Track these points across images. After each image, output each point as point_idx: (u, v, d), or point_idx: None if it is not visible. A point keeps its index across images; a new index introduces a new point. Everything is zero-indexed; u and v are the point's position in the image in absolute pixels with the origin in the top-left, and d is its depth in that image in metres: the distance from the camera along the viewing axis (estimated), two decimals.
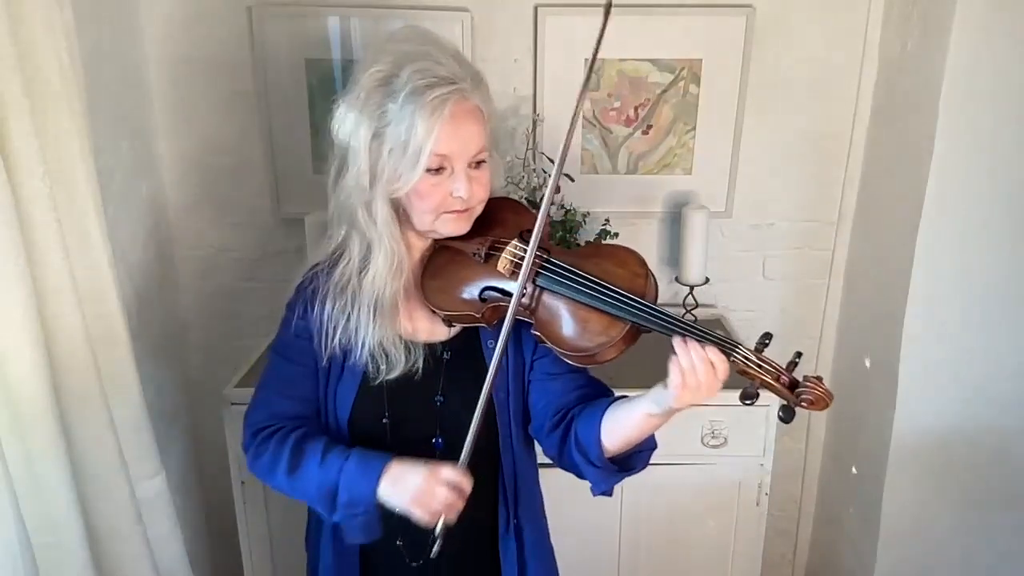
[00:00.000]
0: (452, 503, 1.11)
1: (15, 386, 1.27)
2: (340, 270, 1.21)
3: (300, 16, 1.94)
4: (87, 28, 1.54)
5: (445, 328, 1.25)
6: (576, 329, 1.12)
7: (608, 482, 1.19)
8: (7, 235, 1.20)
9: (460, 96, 1.12)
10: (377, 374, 1.21)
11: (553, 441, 1.21)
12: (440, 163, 1.12)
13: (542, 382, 1.24)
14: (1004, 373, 1.92)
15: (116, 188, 1.77)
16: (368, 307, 1.19)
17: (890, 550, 2.05)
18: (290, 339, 1.25)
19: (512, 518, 1.30)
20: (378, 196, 1.15)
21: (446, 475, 1.11)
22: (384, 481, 1.13)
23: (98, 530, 1.45)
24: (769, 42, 2.01)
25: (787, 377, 1.05)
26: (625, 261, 1.16)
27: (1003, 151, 1.77)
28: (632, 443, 1.15)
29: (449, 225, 1.18)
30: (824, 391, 1.04)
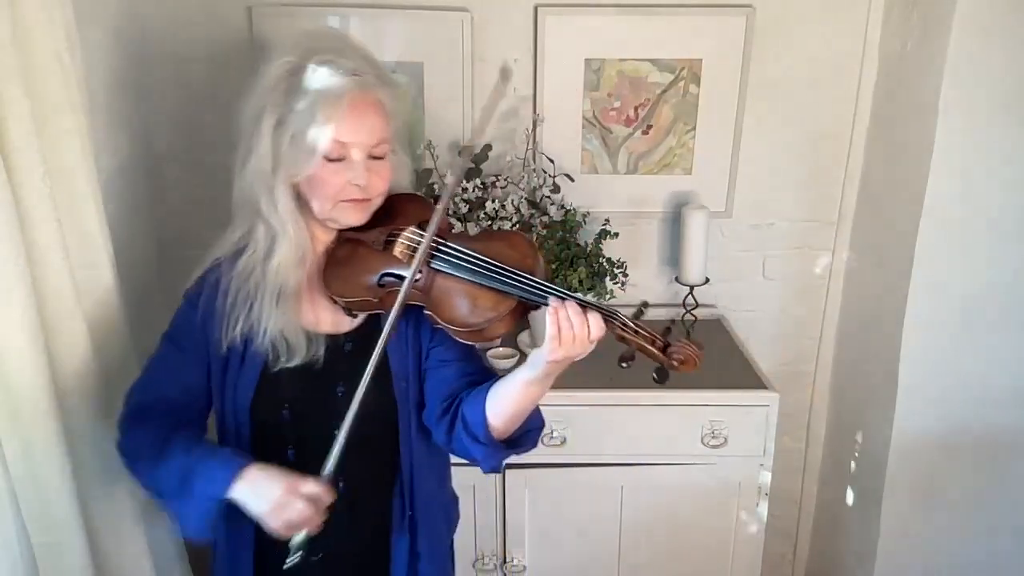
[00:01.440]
0: (310, 517, 1.11)
1: (15, 386, 1.26)
2: (244, 260, 1.24)
3: (300, 16, 1.94)
4: (87, 28, 1.54)
5: (348, 320, 1.28)
6: (467, 306, 1.17)
7: (495, 458, 1.21)
8: (7, 235, 1.20)
9: (362, 88, 1.17)
10: (277, 361, 1.23)
11: (443, 428, 1.24)
12: (339, 151, 1.17)
13: (435, 369, 1.27)
14: (1004, 373, 1.92)
15: (116, 188, 1.77)
16: (271, 296, 1.22)
17: (890, 550, 2.05)
18: (186, 328, 1.28)
19: (407, 509, 1.32)
20: (280, 182, 1.19)
21: (306, 489, 1.12)
22: (241, 481, 1.14)
23: (98, 530, 1.45)
24: (769, 42, 2.01)
25: (661, 341, 1.10)
26: (516, 244, 1.21)
27: (1003, 151, 1.77)
28: (517, 416, 1.18)
29: (347, 213, 1.22)
30: (693, 351, 1.09)
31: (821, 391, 2.32)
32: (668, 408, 1.83)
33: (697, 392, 1.84)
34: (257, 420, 1.27)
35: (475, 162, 1.95)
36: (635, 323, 1.11)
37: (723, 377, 1.91)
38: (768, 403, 1.84)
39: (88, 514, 1.41)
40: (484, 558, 1.94)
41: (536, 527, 1.93)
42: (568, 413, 1.83)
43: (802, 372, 2.31)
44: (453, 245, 1.20)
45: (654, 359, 1.10)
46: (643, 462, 1.88)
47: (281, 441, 1.27)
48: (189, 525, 1.18)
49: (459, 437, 1.21)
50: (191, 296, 1.30)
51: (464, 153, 1.97)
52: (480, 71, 2.01)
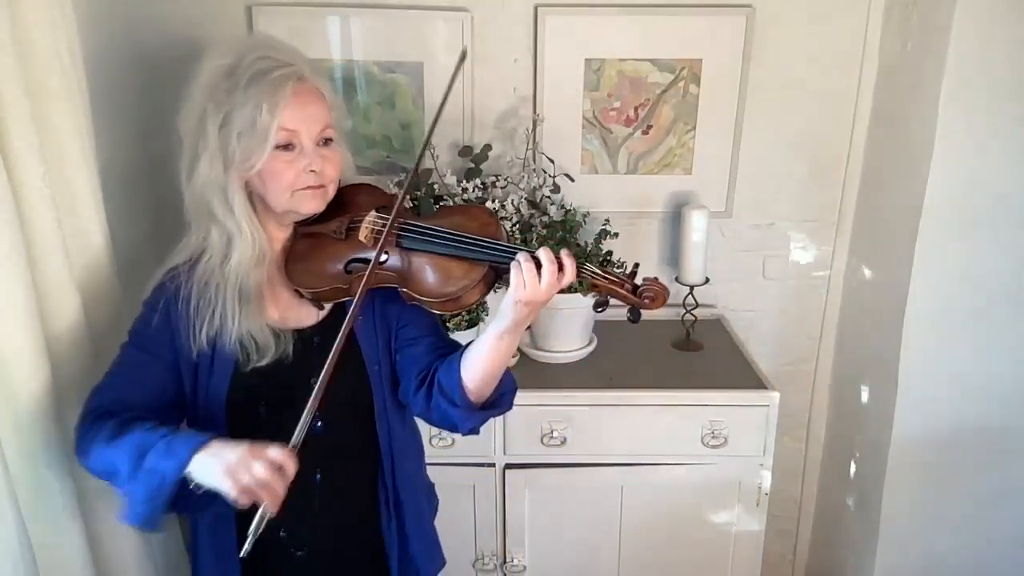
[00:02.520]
0: (270, 484, 1.04)
1: (15, 386, 1.26)
2: (202, 266, 1.25)
3: (300, 16, 1.94)
4: (87, 28, 1.54)
5: (313, 313, 1.30)
6: (439, 278, 1.21)
7: (472, 420, 1.23)
8: (7, 235, 1.20)
9: (300, 77, 1.20)
10: (248, 361, 1.24)
11: (420, 399, 1.26)
12: (288, 139, 1.19)
13: (406, 348, 1.30)
14: (1004, 373, 1.92)
15: (116, 188, 1.76)
16: (233, 298, 1.23)
17: (890, 550, 2.05)
18: (148, 334, 1.27)
19: (391, 492, 1.34)
20: (232, 181, 1.21)
21: (269, 452, 1.06)
22: (201, 452, 1.08)
23: (98, 530, 1.45)
24: (769, 42, 2.01)
25: (630, 284, 1.18)
26: (476, 215, 1.27)
27: (1003, 151, 1.77)
28: (490, 375, 1.19)
29: (305, 202, 1.23)
30: (661, 287, 1.17)
31: (821, 391, 2.32)
32: (668, 408, 1.84)
33: (697, 392, 1.84)
34: (233, 420, 1.26)
35: (475, 162, 1.95)
36: (604, 269, 1.18)
37: (723, 377, 1.91)
38: (768, 403, 1.84)
39: (88, 514, 1.41)
40: (484, 558, 1.94)
41: (536, 527, 1.93)
42: (568, 413, 1.83)
43: (802, 372, 2.31)
44: (417, 223, 1.24)
45: (626, 300, 1.17)
46: (643, 462, 1.88)
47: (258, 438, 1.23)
48: (136, 506, 1.11)
49: (436, 405, 1.23)
50: (150, 303, 1.29)
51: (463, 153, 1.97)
52: (480, 71, 2.01)
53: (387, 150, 2.05)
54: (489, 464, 1.87)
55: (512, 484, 1.88)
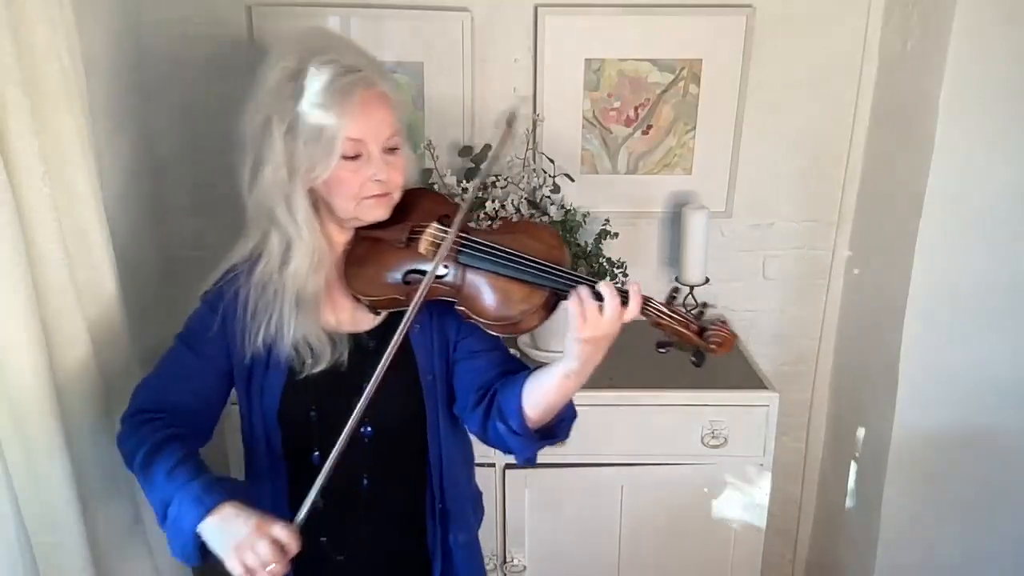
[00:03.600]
0: (272, 563, 1.06)
1: (15, 386, 1.27)
2: (260, 269, 1.23)
3: (300, 16, 1.94)
4: (87, 28, 1.54)
5: (370, 317, 1.28)
6: (499, 300, 1.18)
7: (531, 449, 1.21)
8: (7, 235, 1.20)
9: (366, 82, 1.16)
10: (302, 368, 1.23)
11: (477, 418, 1.23)
12: (355, 149, 1.16)
13: (465, 361, 1.27)
14: (1004, 373, 1.92)
15: (116, 188, 1.76)
16: (291, 303, 1.21)
17: (890, 550, 2.05)
18: (203, 333, 1.26)
19: (438, 502, 1.32)
20: (297, 189, 1.18)
21: (275, 531, 1.08)
22: (212, 517, 1.10)
23: (98, 530, 1.45)
24: (769, 42, 2.01)
25: (696, 325, 1.12)
26: (540, 235, 1.23)
27: (1003, 151, 1.77)
28: (552, 408, 1.17)
29: (370, 210, 1.21)
30: (728, 333, 1.12)
31: (821, 391, 2.32)
32: (668, 408, 1.83)
33: (697, 392, 1.84)
34: (285, 425, 1.26)
35: (475, 162, 1.95)
36: (670, 308, 1.13)
37: (723, 377, 1.91)
38: (768, 403, 1.84)
39: (88, 514, 1.41)
40: (484, 558, 1.94)
41: (536, 527, 1.93)
42: None
43: (802, 372, 2.31)
44: (479, 240, 1.21)
45: (691, 343, 1.12)
46: (643, 462, 1.88)
47: (307, 443, 1.26)
48: (173, 549, 1.15)
49: (494, 427, 1.20)
50: (210, 300, 1.28)
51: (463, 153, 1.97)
52: (480, 71, 2.01)
53: None
54: (489, 464, 1.86)
55: (512, 484, 1.88)
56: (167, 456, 1.18)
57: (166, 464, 1.17)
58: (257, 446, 1.30)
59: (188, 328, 1.30)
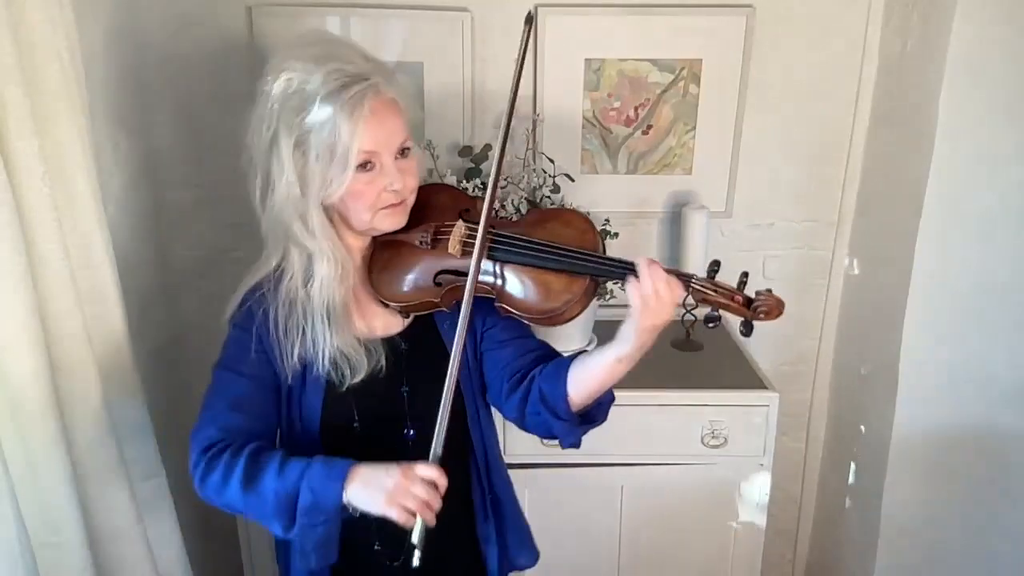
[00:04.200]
0: (429, 501, 1.07)
1: (15, 386, 1.27)
2: (285, 287, 1.21)
3: (300, 16, 1.94)
4: (87, 28, 1.54)
5: (399, 319, 1.27)
6: (540, 292, 1.16)
7: (575, 434, 1.21)
8: (7, 235, 1.20)
9: (376, 91, 1.14)
10: (342, 380, 1.21)
11: (513, 403, 1.23)
12: (368, 159, 1.15)
13: (494, 351, 1.27)
14: (1004, 373, 1.92)
15: (116, 188, 1.77)
16: (321, 317, 1.19)
17: (890, 550, 2.05)
18: (242, 355, 1.22)
19: (488, 493, 1.33)
20: (311, 205, 1.16)
21: (421, 471, 1.08)
22: (353, 484, 1.08)
23: (98, 530, 1.45)
24: (769, 42, 2.01)
25: (741, 296, 1.13)
26: (570, 220, 1.22)
27: (1003, 151, 1.77)
28: (599, 392, 1.17)
29: (387, 220, 1.20)
30: (776, 300, 1.12)
31: (821, 391, 2.32)
32: (668, 408, 1.83)
33: (697, 392, 1.84)
34: (327, 437, 1.25)
35: (475, 162, 1.95)
36: (713, 282, 1.13)
37: (723, 377, 1.91)
38: (768, 403, 1.84)
39: (88, 514, 1.41)
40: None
41: (536, 527, 1.92)
42: None
43: (802, 372, 2.31)
44: (510, 234, 1.19)
45: (739, 314, 1.12)
46: (643, 462, 1.88)
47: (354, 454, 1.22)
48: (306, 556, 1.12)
49: (535, 412, 1.19)
50: (240, 322, 1.24)
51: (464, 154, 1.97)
52: (480, 71, 2.01)
53: None
54: None
55: (512, 484, 1.88)
56: (268, 463, 1.13)
57: (271, 469, 1.12)
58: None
59: (226, 353, 1.25)
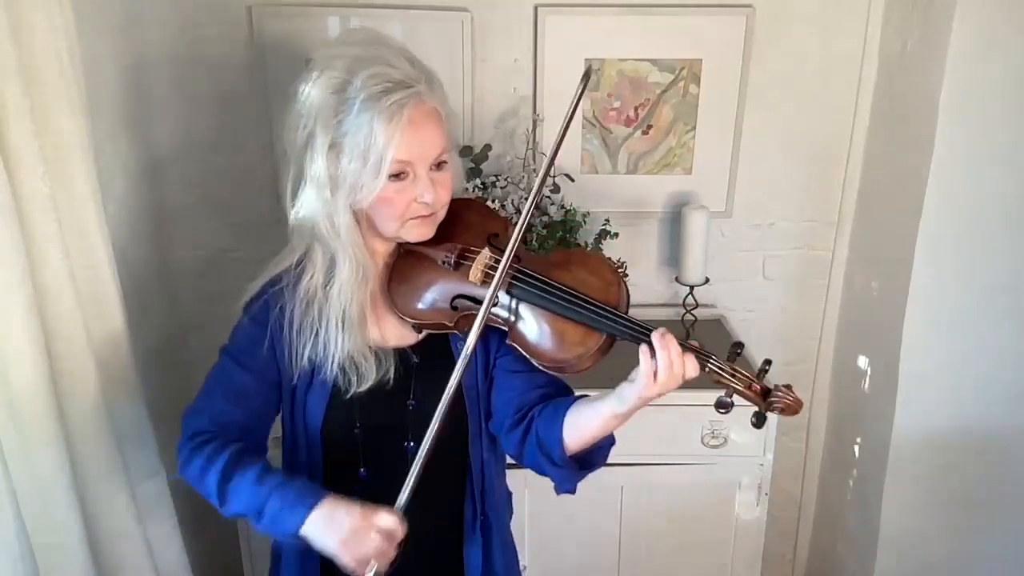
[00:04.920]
0: (383, 551, 1.06)
1: (15, 386, 1.27)
2: (304, 285, 1.20)
3: (300, 16, 1.94)
4: (87, 28, 1.54)
5: (414, 333, 1.24)
6: (553, 340, 1.12)
7: (571, 481, 1.19)
8: (7, 235, 1.20)
9: (417, 99, 1.10)
10: (348, 387, 1.20)
11: (513, 440, 1.20)
12: (402, 168, 1.12)
13: (504, 379, 1.24)
14: (1004, 373, 1.92)
15: (116, 188, 1.77)
16: (336, 321, 1.18)
17: (890, 550, 2.05)
18: (249, 347, 1.22)
19: (479, 514, 1.31)
20: (340, 207, 1.14)
21: (381, 521, 1.07)
22: (314, 516, 1.08)
23: (98, 530, 1.45)
24: (769, 42, 2.01)
25: (759, 385, 1.07)
26: (598, 269, 1.16)
27: (1003, 151, 1.77)
28: (593, 441, 1.15)
29: (415, 231, 1.18)
30: (794, 399, 1.06)
31: (821, 391, 2.32)
32: (668, 408, 1.83)
33: (697, 392, 1.83)
34: (328, 441, 1.24)
35: (475, 162, 1.95)
36: (732, 366, 1.07)
37: None
38: None
39: (88, 514, 1.41)
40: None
41: (536, 527, 1.93)
42: None
43: (802, 372, 2.31)
44: (534, 273, 1.14)
45: (754, 403, 1.07)
46: (643, 462, 1.88)
47: (353, 460, 1.24)
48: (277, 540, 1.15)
49: (531, 453, 1.18)
50: (255, 314, 1.23)
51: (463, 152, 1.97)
52: (480, 71, 2.01)
53: None
54: None
55: (512, 484, 1.88)
56: (248, 466, 1.14)
57: (251, 473, 1.13)
58: (299, 460, 1.27)
59: (235, 342, 1.25)
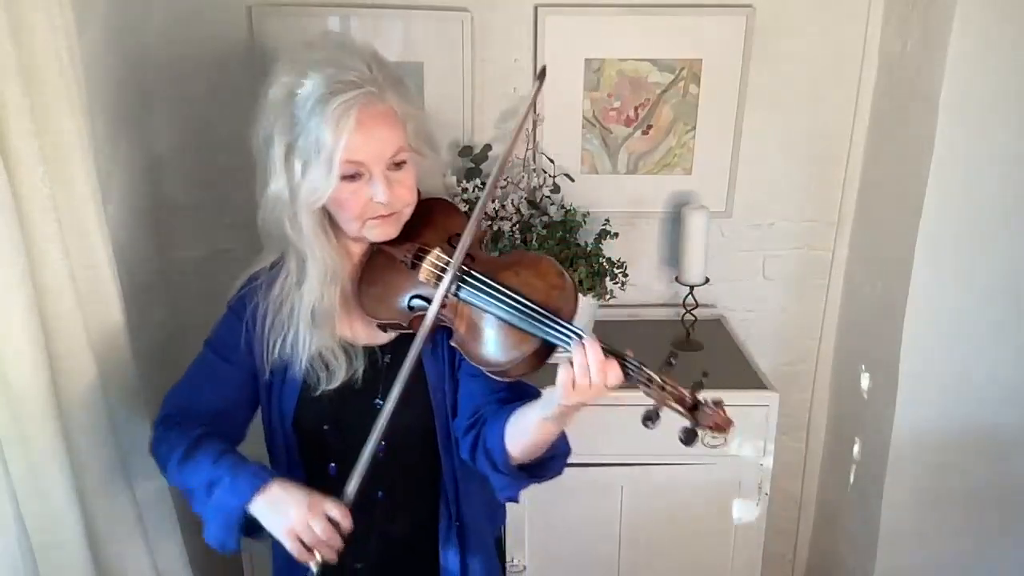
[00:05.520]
0: (328, 540, 1.08)
1: (15, 386, 1.26)
2: (279, 285, 1.22)
3: (300, 16, 1.94)
4: (87, 28, 1.54)
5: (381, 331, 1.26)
6: (491, 342, 1.13)
7: (513, 488, 1.18)
8: (7, 235, 1.20)
9: (367, 100, 1.11)
10: (318, 384, 1.22)
11: (467, 444, 1.20)
12: (355, 169, 1.13)
13: (465, 381, 1.24)
14: (1004, 373, 1.92)
15: (116, 188, 1.77)
16: (307, 319, 1.20)
17: (890, 550, 2.05)
18: (230, 340, 1.26)
19: (455, 520, 1.30)
20: (300, 209, 1.15)
21: (327, 509, 1.09)
22: (260, 498, 1.11)
23: (98, 531, 1.45)
24: (769, 42, 2.01)
25: (690, 400, 1.03)
26: (545, 272, 1.15)
27: (1003, 151, 1.77)
28: (536, 448, 1.12)
29: (376, 231, 1.18)
30: (724, 417, 1.03)
31: (821, 391, 2.32)
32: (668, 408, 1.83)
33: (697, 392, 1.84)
34: (300, 436, 1.27)
35: (475, 162, 1.95)
36: (661, 378, 1.03)
37: (723, 377, 1.91)
38: (768, 403, 1.84)
39: (88, 514, 1.41)
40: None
41: (536, 527, 1.93)
42: None
43: (802, 372, 2.31)
44: (481, 275, 1.15)
45: (683, 418, 1.04)
46: (643, 462, 1.88)
47: (324, 455, 1.27)
48: (211, 533, 1.16)
49: (479, 460, 1.18)
50: (235, 308, 1.28)
51: (462, 153, 1.97)
52: (480, 71, 2.01)
53: None
54: None
55: None
56: (211, 447, 1.19)
57: (211, 453, 1.18)
58: (278, 452, 1.31)
59: (216, 335, 1.30)
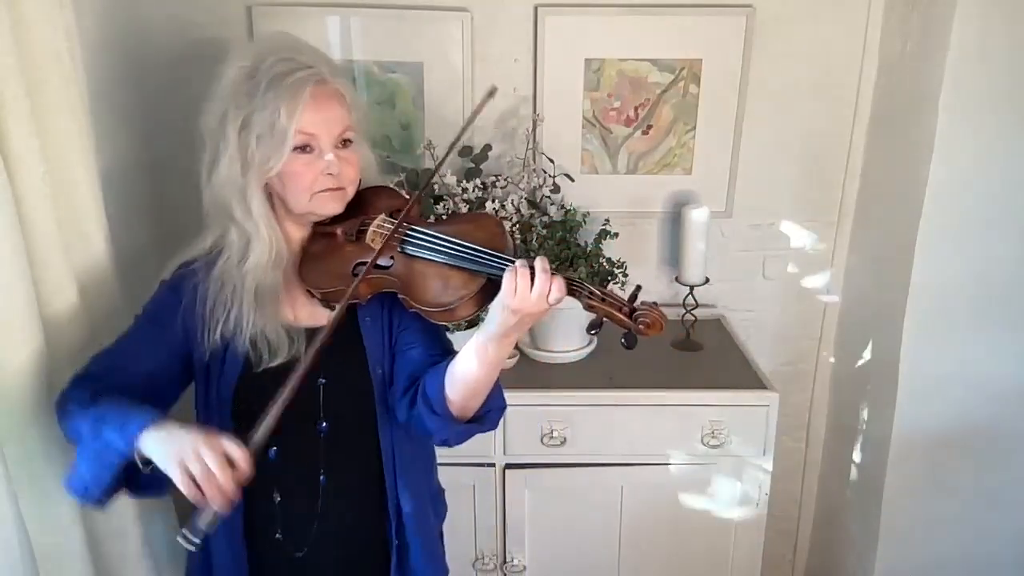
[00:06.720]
0: (222, 481, 1.02)
1: (16, 386, 1.26)
2: (220, 265, 1.25)
3: (300, 16, 1.94)
4: (87, 28, 1.54)
5: (326, 313, 1.28)
6: (438, 287, 1.20)
7: (448, 430, 1.22)
8: (7, 235, 1.20)
9: (319, 78, 1.20)
10: (259, 362, 1.24)
11: (404, 405, 1.25)
12: (306, 141, 1.20)
13: (402, 353, 1.29)
14: (1003, 373, 1.92)
15: (116, 188, 1.76)
16: (249, 299, 1.23)
17: (890, 550, 2.05)
18: (162, 313, 1.28)
19: (394, 498, 1.33)
20: (252, 183, 1.21)
21: (224, 444, 1.05)
22: (153, 429, 1.08)
23: (98, 531, 1.45)
24: (769, 42, 2.01)
25: (627, 307, 1.12)
26: (484, 224, 1.24)
27: (1003, 151, 1.77)
28: (474, 387, 1.18)
29: (324, 204, 1.24)
30: (658, 314, 1.10)
31: (821, 391, 2.32)
32: (668, 408, 1.84)
33: (697, 392, 1.84)
34: (237, 419, 1.26)
35: (475, 162, 1.95)
36: (601, 290, 1.12)
37: (723, 377, 1.91)
38: (768, 403, 1.84)
39: (88, 514, 1.41)
40: (484, 558, 1.94)
41: (536, 527, 1.93)
42: (568, 413, 1.83)
43: (802, 372, 2.31)
44: (422, 229, 1.24)
45: (621, 325, 1.12)
46: (643, 462, 1.88)
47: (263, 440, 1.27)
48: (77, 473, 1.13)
49: (416, 412, 1.22)
50: (173, 285, 1.30)
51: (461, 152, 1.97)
52: (480, 71, 2.01)
53: (387, 150, 2.05)
54: (489, 464, 1.87)
55: (512, 484, 1.88)
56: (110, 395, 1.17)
57: (111, 398, 1.16)
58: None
59: (150, 307, 1.31)
